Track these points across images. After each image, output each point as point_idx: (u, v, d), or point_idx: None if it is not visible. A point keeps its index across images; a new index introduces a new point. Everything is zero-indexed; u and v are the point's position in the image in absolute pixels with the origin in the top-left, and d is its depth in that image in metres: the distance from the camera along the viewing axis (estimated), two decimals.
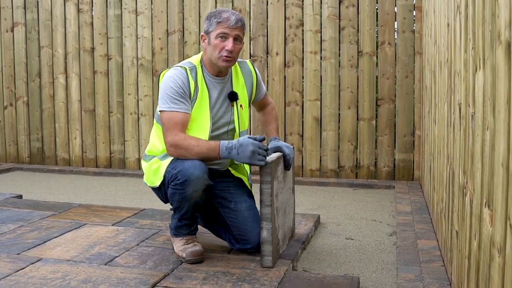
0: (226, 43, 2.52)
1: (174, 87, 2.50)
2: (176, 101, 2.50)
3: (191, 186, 2.38)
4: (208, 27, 2.57)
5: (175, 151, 2.46)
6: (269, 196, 2.38)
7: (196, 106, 2.56)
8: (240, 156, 2.39)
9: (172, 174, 2.42)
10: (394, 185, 4.67)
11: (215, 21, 2.53)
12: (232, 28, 2.52)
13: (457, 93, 2.12)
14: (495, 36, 1.34)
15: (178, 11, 5.45)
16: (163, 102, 2.52)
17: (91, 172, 5.59)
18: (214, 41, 2.54)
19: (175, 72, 2.55)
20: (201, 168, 2.39)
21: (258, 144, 2.38)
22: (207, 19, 2.59)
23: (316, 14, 5.05)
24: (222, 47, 2.53)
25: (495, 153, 1.34)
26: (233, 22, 2.52)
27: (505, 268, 1.22)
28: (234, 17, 2.53)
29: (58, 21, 5.85)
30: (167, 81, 2.54)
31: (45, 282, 2.21)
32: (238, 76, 2.75)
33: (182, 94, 2.51)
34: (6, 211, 3.44)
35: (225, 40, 2.53)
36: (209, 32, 2.56)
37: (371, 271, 2.58)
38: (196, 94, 2.56)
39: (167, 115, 2.50)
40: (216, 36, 2.53)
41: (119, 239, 2.84)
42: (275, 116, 2.99)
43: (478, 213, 1.59)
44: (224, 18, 2.52)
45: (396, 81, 4.92)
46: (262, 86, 2.89)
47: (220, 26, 2.52)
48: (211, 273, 2.33)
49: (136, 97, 5.64)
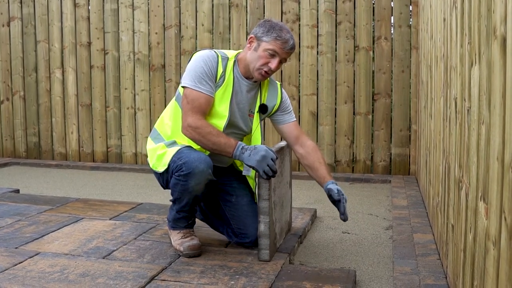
0: (272, 61, 2.50)
1: (204, 67, 2.48)
2: (203, 81, 2.48)
3: (194, 179, 2.38)
4: (263, 35, 2.51)
5: (192, 134, 2.44)
6: (266, 190, 2.39)
7: (218, 95, 2.53)
8: (251, 158, 2.36)
9: (178, 165, 2.42)
10: (390, 180, 4.69)
11: (274, 36, 2.48)
12: (285, 51, 2.50)
13: (453, 87, 2.13)
14: (490, 31, 1.35)
15: (175, 5, 5.44)
16: (190, 79, 2.48)
17: (88, 166, 5.59)
18: (262, 52, 2.50)
19: (208, 54, 2.53)
20: (206, 162, 2.39)
21: (272, 154, 2.36)
22: (264, 26, 2.53)
23: (313, 9, 5.06)
24: (266, 62, 2.50)
25: (490, 147, 1.35)
26: (289, 46, 2.50)
27: (500, 261, 1.24)
28: (292, 41, 2.51)
29: (54, 16, 5.84)
30: (198, 59, 2.51)
31: (43, 275, 2.22)
32: (264, 91, 2.71)
33: (210, 76, 2.49)
34: (4, 206, 3.45)
35: (273, 57, 2.50)
36: (262, 40, 2.51)
37: (368, 264, 2.60)
38: (221, 82, 2.54)
39: (192, 94, 2.46)
40: (266, 50, 2.49)
41: (117, 233, 2.85)
42: (322, 157, 2.70)
43: (474, 207, 1.60)
44: (284, 39, 2.48)
45: (392, 75, 4.94)
46: (289, 112, 2.76)
47: (275, 44, 2.48)
48: (208, 267, 2.34)
49: (132, 92, 5.64)
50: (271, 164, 2.34)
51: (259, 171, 2.35)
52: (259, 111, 2.68)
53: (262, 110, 2.68)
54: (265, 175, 2.35)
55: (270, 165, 2.34)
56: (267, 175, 2.35)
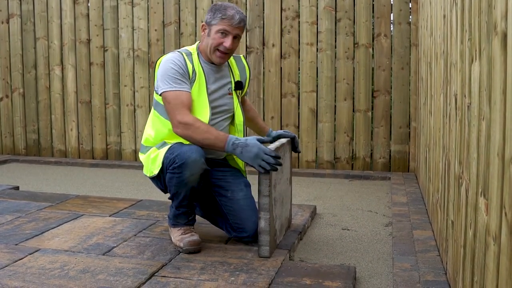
0: (225, 40, 2.57)
1: (174, 68, 2.53)
2: (178, 81, 2.52)
3: (188, 169, 2.39)
4: (211, 19, 2.59)
5: (183, 131, 2.47)
6: (267, 186, 2.39)
7: (194, 90, 2.58)
8: (244, 155, 2.39)
9: (170, 159, 2.44)
10: (389, 176, 4.70)
11: (219, 16, 2.55)
12: (234, 27, 2.56)
13: (453, 84, 2.14)
14: (491, 27, 1.35)
15: (174, 2, 5.43)
16: (164, 84, 2.53)
17: (88, 163, 5.59)
18: (214, 35, 2.58)
19: (173, 55, 2.59)
20: (198, 152, 2.41)
21: (264, 149, 2.37)
22: (211, 11, 2.61)
23: (313, 6, 5.05)
24: (220, 43, 2.58)
25: (491, 143, 1.35)
26: (236, 21, 2.56)
27: (500, 256, 1.24)
28: (238, 16, 2.57)
29: (54, 13, 5.83)
30: (166, 64, 2.56)
31: (43, 272, 2.22)
32: (234, 68, 2.79)
33: (183, 75, 2.54)
34: (3, 202, 3.45)
35: (225, 37, 2.57)
36: (211, 24, 2.59)
37: (367, 261, 2.60)
38: (194, 77, 2.59)
39: (172, 94, 2.50)
40: (217, 31, 2.57)
41: (117, 230, 2.85)
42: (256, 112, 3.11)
43: (474, 203, 1.61)
44: (229, 16, 2.55)
45: (392, 72, 4.94)
46: None
47: (223, 23, 2.55)
48: (208, 263, 2.34)
49: (132, 89, 5.64)
50: (266, 158, 2.35)
51: (254, 166, 2.38)
52: (236, 88, 2.76)
53: (238, 87, 2.77)
54: (262, 169, 2.36)
55: (265, 159, 2.35)
56: (264, 169, 2.36)
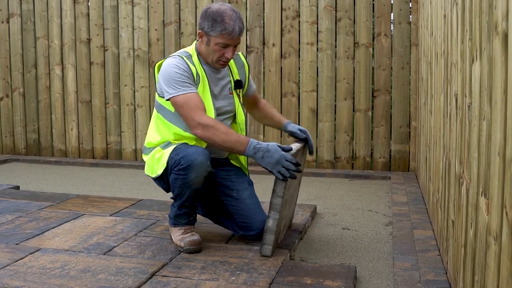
0: (226, 52, 2.54)
1: (178, 72, 2.50)
2: (186, 84, 2.49)
3: (193, 171, 2.38)
4: (209, 30, 2.51)
5: (203, 133, 2.42)
6: (282, 188, 2.36)
7: (199, 92, 2.55)
8: (264, 160, 2.35)
9: (176, 160, 2.43)
10: (390, 176, 4.70)
11: (219, 30, 2.48)
12: (235, 39, 2.53)
13: (453, 83, 2.14)
14: (492, 27, 1.35)
15: (175, 2, 5.43)
16: (171, 88, 2.48)
17: (88, 163, 5.59)
18: (214, 46, 2.53)
19: (174, 60, 2.55)
20: (204, 154, 2.40)
21: (285, 156, 2.33)
22: (207, 19, 2.52)
23: (313, 5, 5.05)
24: (221, 54, 2.55)
25: (491, 143, 1.36)
26: (236, 35, 2.51)
27: (501, 255, 1.25)
28: (238, 28, 2.50)
29: (54, 12, 5.83)
30: (169, 68, 2.52)
31: (44, 271, 2.22)
32: (233, 67, 2.78)
33: (187, 76, 2.51)
34: (4, 202, 3.45)
35: (226, 47, 2.53)
36: (210, 35, 2.52)
37: (368, 260, 2.60)
38: (198, 79, 2.57)
39: (183, 98, 2.46)
40: (217, 44, 2.52)
41: (117, 229, 2.85)
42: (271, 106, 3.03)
43: (475, 202, 1.61)
44: (228, 31, 2.48)
45: (392, 72, 4.94)
46: (251, 80, 2.91)
47: (222, 37, 2.50)
48: (209, 263, 2.35)
49: (132, 88, 5.64)
50: (287, 165, 2.32)
51: (273, 172, 2.35)
52: (236, 88, 2.75)
53: (238, 86, 2.75)
54: (282, 176, 2.33)
55: (286, 165, 2.32)
56: (284, 176, 2.33)
